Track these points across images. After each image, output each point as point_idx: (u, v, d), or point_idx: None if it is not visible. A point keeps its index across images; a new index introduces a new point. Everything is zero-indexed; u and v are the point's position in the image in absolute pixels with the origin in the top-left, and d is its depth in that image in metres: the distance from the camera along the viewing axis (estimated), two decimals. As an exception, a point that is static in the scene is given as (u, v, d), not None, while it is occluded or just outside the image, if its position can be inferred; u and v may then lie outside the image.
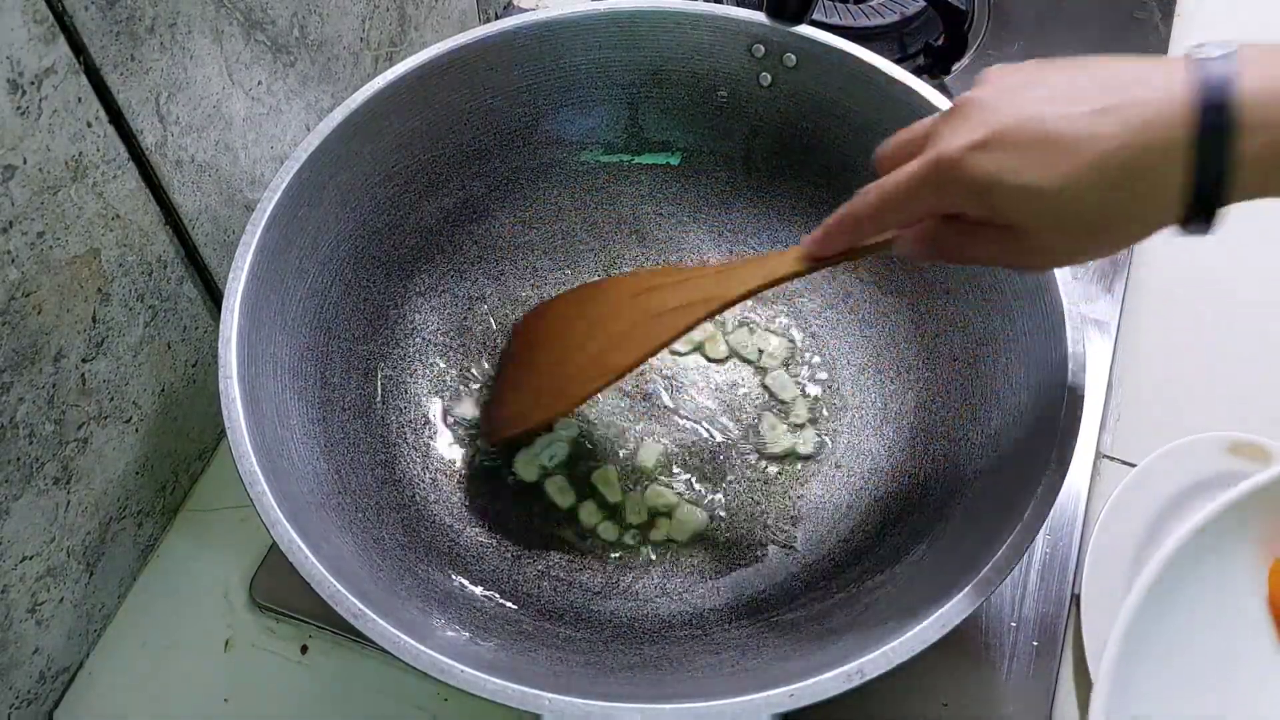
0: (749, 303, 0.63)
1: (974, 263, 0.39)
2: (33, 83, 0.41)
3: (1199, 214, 0.33)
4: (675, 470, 0.57)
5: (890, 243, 0.42)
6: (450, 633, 0.44)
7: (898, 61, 0.57)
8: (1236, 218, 0.34)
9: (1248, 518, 0.46)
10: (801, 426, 0.58)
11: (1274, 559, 0.47)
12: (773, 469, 0.57)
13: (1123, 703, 0.43)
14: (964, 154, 0.34)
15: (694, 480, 0.57)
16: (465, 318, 0.62)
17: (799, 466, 0.57)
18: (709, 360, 0.61)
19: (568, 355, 0.53)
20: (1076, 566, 0.56)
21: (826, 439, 0.58)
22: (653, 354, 0.50)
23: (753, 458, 0.58)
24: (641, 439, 0.58)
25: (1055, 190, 0.33)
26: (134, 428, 0.54)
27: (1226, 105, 0.31)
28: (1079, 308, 0.47)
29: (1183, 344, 0.65)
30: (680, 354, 0.61)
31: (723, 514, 0.56)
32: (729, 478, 0.57)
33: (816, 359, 0.61)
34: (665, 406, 0.60)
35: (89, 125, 0.45)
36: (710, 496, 0.57)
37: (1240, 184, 0.32)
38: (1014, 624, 0.54)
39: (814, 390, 0.60)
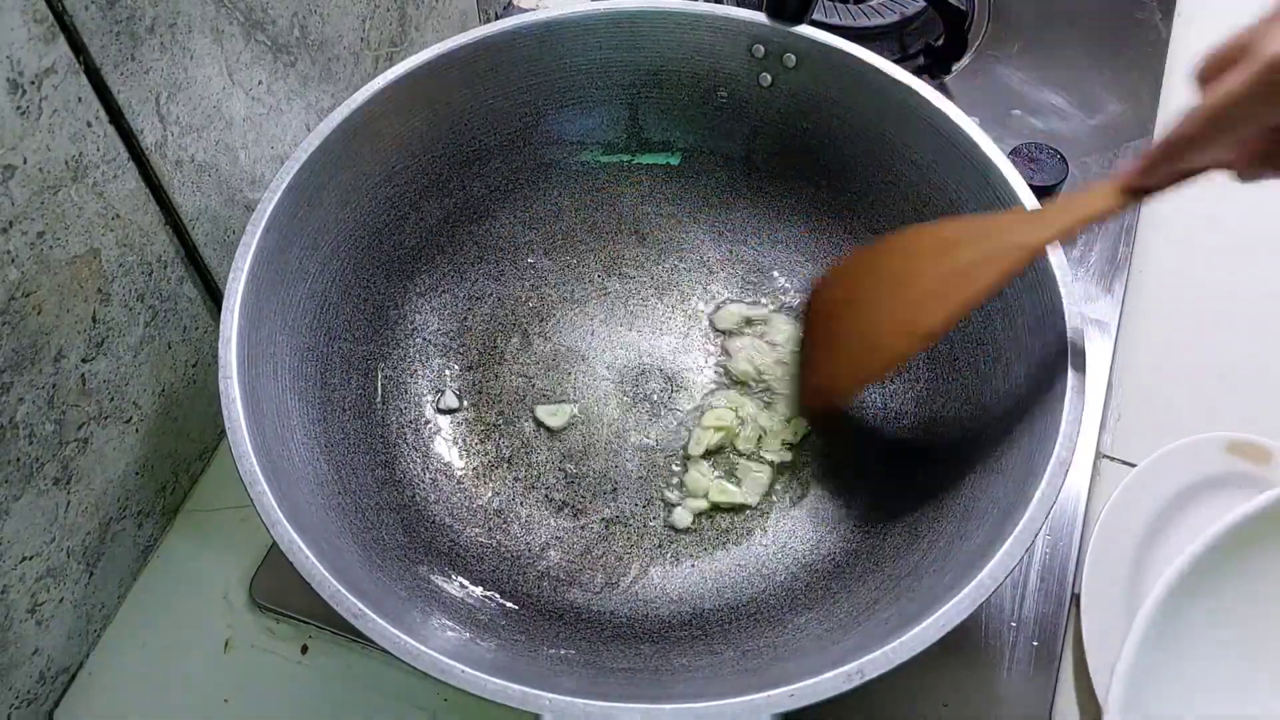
0: (749, 303, 0.63)
1: None
2: (33, 82, 0.41)
3: None
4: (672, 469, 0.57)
5: (1211, 165, 0.39)
6: (450, 633, 0.44)
7: (898, 61, 0.57)
8: (1236, 218, 0.34)
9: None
10: (798, 429, 0.58)
11: None
12: (773, 469, 0.57)
13: (1140, 700, 0.43)
14: None
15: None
16: (465, 318, 0.62)
17: (799, 466, 0.57)
18: (704, 361, 0.61)
19: (874, 319, 0.51)
20: (1076, 566, 0.56)
21: (826, 440, 0.58)
22: (968, 309, 0.47)
23: (753, 456, 0.58)
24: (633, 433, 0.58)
25: None
26: (134, 428, 0.54)
27: None
28: (1079, 307, 0.47)
29: (1183, 344, 0.65)
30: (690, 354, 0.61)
31: (722, 513, 0.56)
32: (730, 476, 0.57)
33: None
34: (664, 406, 0.60)
35: (89, 125, 0.45)
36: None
37: None
38: (1014, 624, 0.54)
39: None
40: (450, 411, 0.59)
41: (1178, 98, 0.75)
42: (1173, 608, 0.47)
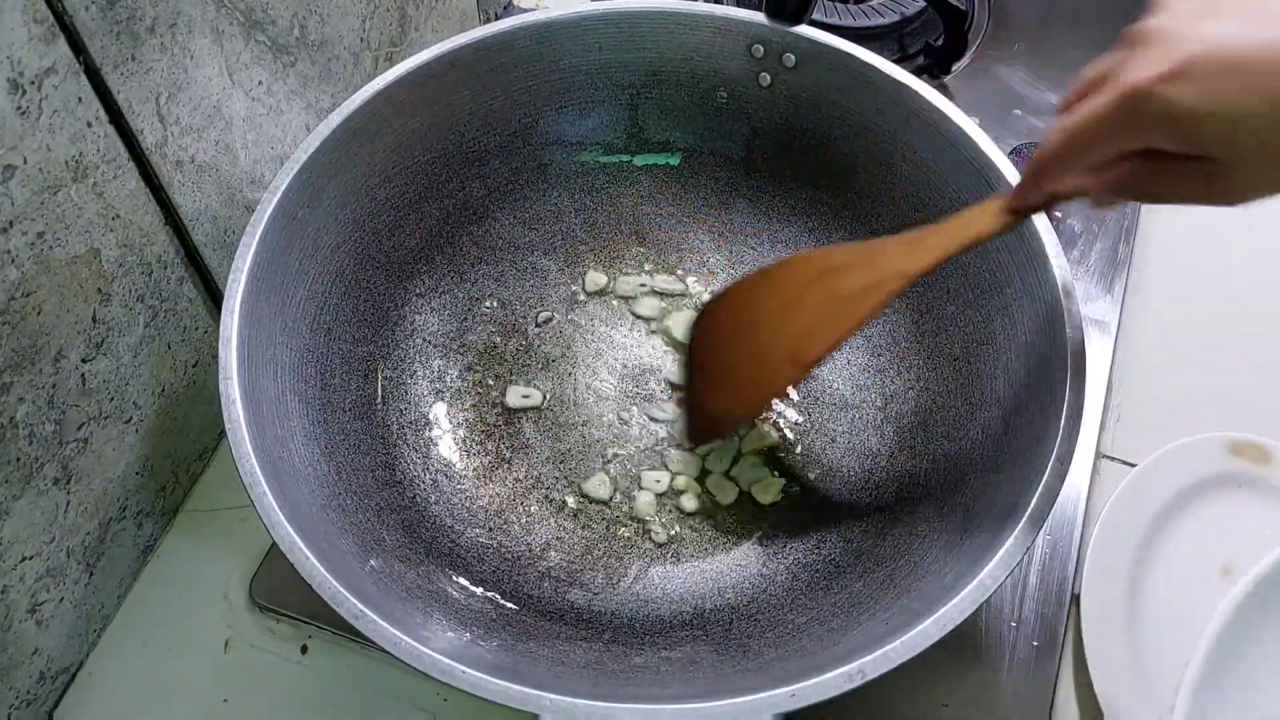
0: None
1: (1170, 200, 0.37)
2: (33, 83, 0.41)
3: None
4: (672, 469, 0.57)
5: (1085, 190, 0.40)
6: (451, 633, 0.44)
7: (898, 61, 0.57)
8: (1236, 218, 0.34)
9: None
10: (799, 429, 0.58)
11: None
12: (773, 470, 0.57)
13: (1206, 710, 0.42)
14: (1156, 85, 0.33)
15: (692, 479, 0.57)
16: (465, 318, 0.62)
17: (800, 466, 0.57)
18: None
19: (760, 349, 0.51)
20: (1076, 566, 0.56)
21: (826, 439, 0.58)
22: (846, 338, 0.47)
23: (753, 457, 0.58)
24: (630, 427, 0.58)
25: (1260, 116, 0.31)
26: (134, 428, 0.54)
27: None
28: (1079, 307, 0.47)
29: (1183, 344, 0.65)
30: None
31: (723, 513, 0.56)
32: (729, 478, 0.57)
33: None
34: (664, 406, 0.60)
35: (89, 125, 0.45)
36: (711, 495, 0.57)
37: None
38: (1014, 624, 0.54)
39: (808, 392, 0.60)
40: (449, 414, 0.59)
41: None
42: (1245, 616, 0.47)
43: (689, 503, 0.56)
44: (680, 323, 0.61)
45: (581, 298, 0.63)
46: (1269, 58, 0.31)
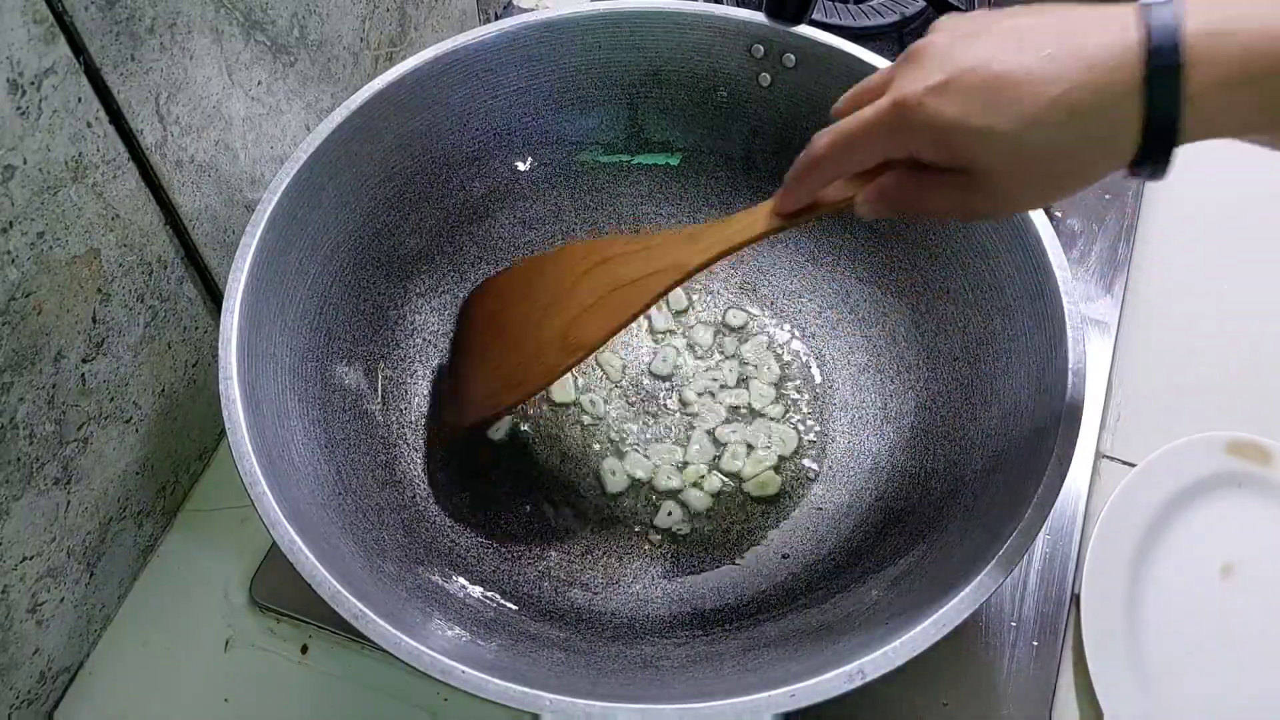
0: (747, 304, 0.63)
1: (932, 214, 0.39)
2: (33, 83, 0.41)
3: (1153, 154, 0.34)
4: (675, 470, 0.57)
5: (851, 200, 0.41)
6: (451, 633, 0.44)
7: (898, 61, 0.57)
8: (1236, 218, 0.34)
9: None
10: (799, 429, 0.58)
11: None
12: (774, 470, 0.57)
13: None
14: (923, 97, 0.35)
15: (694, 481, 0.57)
16: (465, 318, 0.62)
17: (800, 467, 0.57)
18: (698, 358, 0.61)
19: (530, 332, 0.52)
20: (1076, 566, 0.56)
21: (826, 439, 0.58)
22: (622, 327, 0.48)
23: (755, 457, 0.58)
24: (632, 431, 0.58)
25: (1015, 132, 0.34)
26: (134, 428, 0.54)
27: (1176, 44, 0.32)
28: (1079, 307, 0.47)
29: (1183, 344, 0.65)
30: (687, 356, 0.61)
31: (723, 513, 0.56)
32: (729, 477, 0.57)
33: (814, 362, 0.61)
34: (664, 406, 0.60)
35: (89, 125, 0.45)
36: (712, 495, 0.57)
37: (1192, 121, 0.33)
38: (1014, 624, 0.54)
39: (808, 392, 0.60)
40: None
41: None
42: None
43: (691, 502, 0.56)
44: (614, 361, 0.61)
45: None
46: (1030, 78, 0.33)
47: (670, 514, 0.56)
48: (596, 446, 0.58)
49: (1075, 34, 0.34)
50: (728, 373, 0.61)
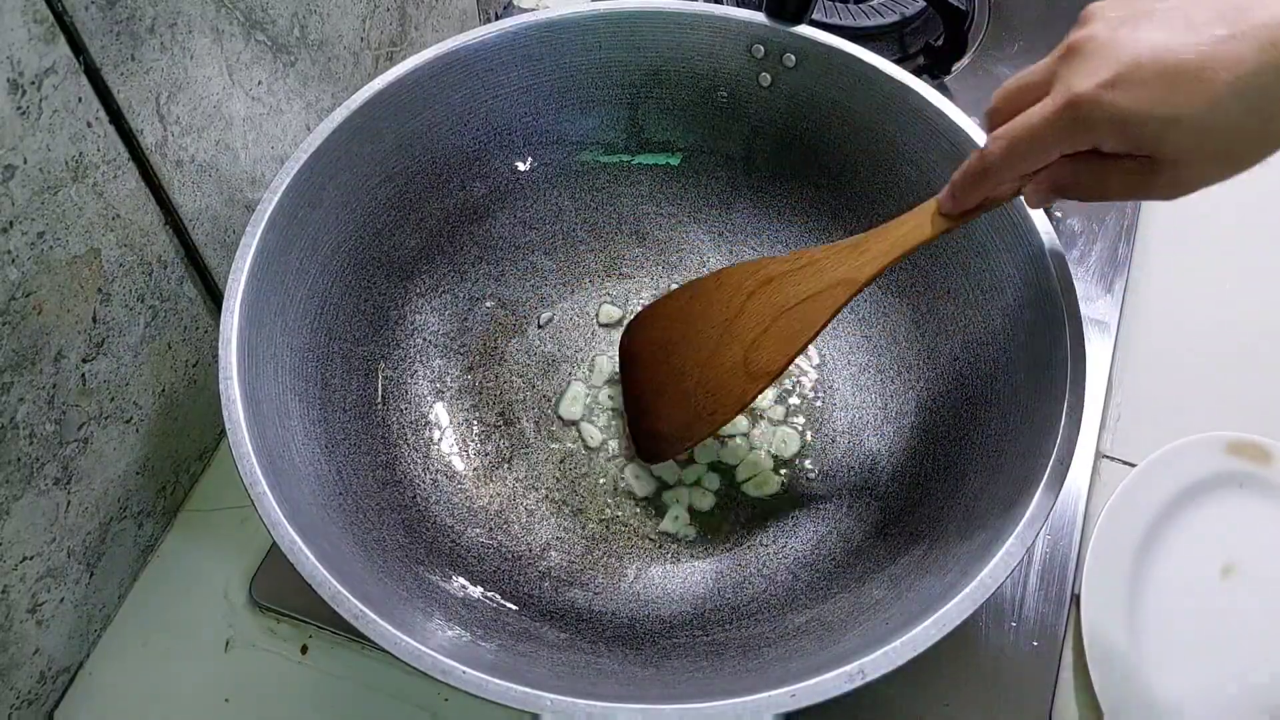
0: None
1: (1111, 199, 0.39)
2: (33, 83, 0.41)
3: None
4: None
5: (1011, 194, 0.41)
6: (451, 633, 0.44)
7: (898, 61, 0.57)
8: (1236, 218, 0.34)
9: None
10: (800, 430, 0.58)
11: None
12: (774, 471, 0.57)
13: None
14: (1099, 92, 0.35)
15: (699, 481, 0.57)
16: (466, 318, 0.62)
17: (800, 467, 0.57)
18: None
19: (710, 363, 0.51)
20: (1076, 566, 0.56)
21: (826, 440, 0.58)
22: (803, 349, 0.48)
23: (757, 457, 0.58)
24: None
25: (1199, 116, 0.34)
26: (134, 428, 0.54)
27: None
28: (1079, 308, 0.47)
29: (1183, 344, 0.65)
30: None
31: (723, 513, 0.56)
32: (730, 476, 0.57)
33: (815, 360, 0.61)
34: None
35: (89, 125, 0.45)
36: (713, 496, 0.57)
37: None
38: (1014, 624, 0.54)
39: (808, 392, 0.60)
40: (450, 414, 0.59)
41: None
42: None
43: (693, 502, 0.56)
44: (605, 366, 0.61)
45: (580, 296, 0.63)
46: (1198, 62, 0.33)
47: (676, 518, 0.56)
48: (597, 447, 0.58)
49: (1241, 13, 0.33)
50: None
